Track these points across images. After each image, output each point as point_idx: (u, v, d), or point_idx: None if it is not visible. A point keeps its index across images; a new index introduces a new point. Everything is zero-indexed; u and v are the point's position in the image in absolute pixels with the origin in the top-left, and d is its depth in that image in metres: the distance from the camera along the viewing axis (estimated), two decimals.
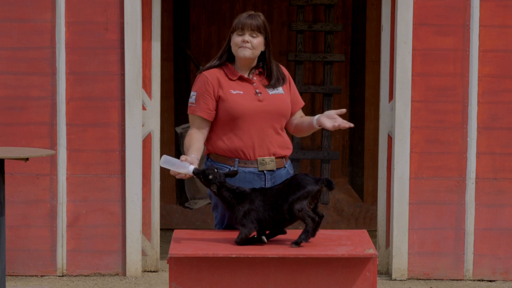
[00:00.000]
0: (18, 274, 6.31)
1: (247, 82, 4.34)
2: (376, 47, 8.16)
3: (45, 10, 6.20)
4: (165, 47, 8.17)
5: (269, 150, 4.31)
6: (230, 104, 4.27)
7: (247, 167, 4.30)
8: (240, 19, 4.33)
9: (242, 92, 4.30)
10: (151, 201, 6.38)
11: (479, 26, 6.20)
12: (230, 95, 4.28)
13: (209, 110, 4.30)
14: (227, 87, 4.30)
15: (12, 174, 6.23)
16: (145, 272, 6.43)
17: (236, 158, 4.29)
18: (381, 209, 6.42)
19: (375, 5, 8.30)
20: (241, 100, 4.28)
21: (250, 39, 4.30)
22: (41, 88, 6.23)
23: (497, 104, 6.27)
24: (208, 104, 4.29)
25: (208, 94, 4.30)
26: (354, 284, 3.90)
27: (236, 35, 4.31)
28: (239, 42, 4.30)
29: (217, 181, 4.06)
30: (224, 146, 4.30)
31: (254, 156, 4.29)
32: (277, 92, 4.36)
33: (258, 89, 4.33)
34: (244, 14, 4.35)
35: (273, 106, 4.32)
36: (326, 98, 8.00)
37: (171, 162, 4.08)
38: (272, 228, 4.07)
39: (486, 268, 6.32)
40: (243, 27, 4.30)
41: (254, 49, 4.31)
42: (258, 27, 4.32)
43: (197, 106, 4.30)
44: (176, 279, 3.90)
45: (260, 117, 4.29)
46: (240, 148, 4.28)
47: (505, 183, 6.30)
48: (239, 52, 4.30)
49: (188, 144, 4.27)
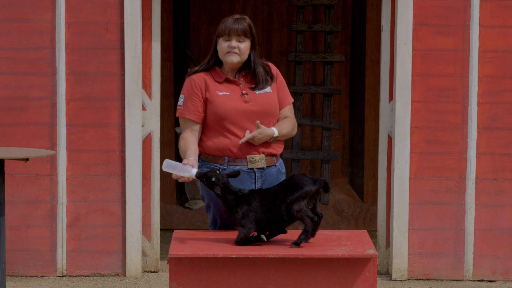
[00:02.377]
0: (18, 275, 6.31)
1: (234, 83, 4.37)
2: (376, 48, 8.17)
3: (45, 11, 6.20)
4: (165, 48, 8.18)
5: (258, 148, 4.33)
6: (216, 105, 4.31)
7: (236, 165, 4.33)
8: (226, 24, 4.33)
9: (229, 93, 4.33)
10: (151, 201, 6.38)
11: (479, 27, 6.20)
12: (217, 97, 4.32)
13: (198, 113, 4.34)
14: (213, 89, 4.34)
15: (12, 174, 6.23)
16: (145, 273, 6.43)
17: (225, 157, 4.32)
18: (381, 209, 6.42)
19: (375, 6, 8.30)
20: (227, 101, 4.31)
21: (237, 44, 4.32)
22: (41, 89, 6.23)
23: (497, 104, 6.27)
24: (197, 107, 4.34)
25: (196, 97, 4.34)
26: (354, 284, 3.90)
27: (223, 40, 4.33)
28: (226, 48, 4.32)
29: (220, 183, 4.07)
30: (213, 145, 4.33)
31: (243, 154, 4.31)
32: (264, 91, 4.38)
33: (244, 90, 4.35)
34: (230, 19, 4.35)
35: (259, 107, 4.34)
36: (326, 99, 8.00)
37: (173, 166, 4.11)
38: (271, 229, 4.08)
39: (486, 268, 6.32)
40: (230, 32, 4.31)
41: (242, 54, 4.33)
42: (244, 31, 4.33)
43: (186, 109, 4.35)
44: (176, 280, 3.90)
45: (247, 117, 4.32)
46: (228, 147, 4.31)
47: (505, 184, 6.30)
48: (227, 58, 4.33)
49: (184, 148, 4.30)
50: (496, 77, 6.25)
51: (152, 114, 6.35)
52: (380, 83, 6.37)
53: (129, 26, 6.19)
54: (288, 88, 4.60)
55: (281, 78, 4.51)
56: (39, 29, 6.21)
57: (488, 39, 6.22)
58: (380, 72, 6.37)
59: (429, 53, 6.24)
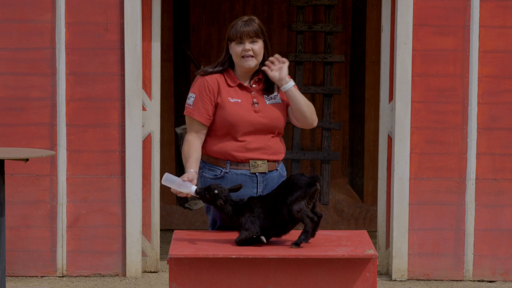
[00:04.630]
0: (18, 275, 6.31)
1: (246, 90, 4.34)
2: (376, 48, 8.17)
3: (45, 11, 6.20)
4: (165, 48, 8.17)
5: (261, 155, 4.32)
6: (227, 112, 4.28)
7: (239, 169, 4.31)
8: (237, 28, 4.28)
9: (240, 101, 4.30)
10: (151, 201, 6.38)
11: (479, 27, 6.20)
12: (228, 103, 4.29)
13: (208, 116, 4.31)
14: (225, 94, 4.30)
15: (12, 174, 6.23)
16: (145, 273, 6.43)
17: (228, 161, 4.30)
18: (381, 209, 6.42)
19: (375, 6, 8.30)
20: (238, 109, 4.28)
21: (251, 46, 4.28)
22: (41, 89, 6.23)
23: (497, 104, 6.27)
24: (208, 110, 4.30)
25: (208, 99, 4.30)
26: (354, 284, 3.90)
27: (235, 44, 4.29)
28: (241, 52, 4.28)
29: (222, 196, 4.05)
30: (217, 148, 4.31)
31: (245, 158, 4.30)
32: (274, 101, 4.36)
33: (255, 98, 4.33)
34: (239, 22, 4.30)
35: (268, 119, 4.32)
36: (326, 99, 8.00)
37: (172, 181, 4.10)
38: (277, 234, 4.07)
39: (486, 268, 6.32)
40: (241, 35, 4.27)
41: (257, 55, 4.30)
42: (256, 32, 4.29)
43: (195, 110, 4.31)
44: (176, 280, 3.90)
45: (254, 127, 4.30)
46: (232, 151, 4.29)
47: (505, 184, 6.30)
48: (244, 64, 4.29)
49: (187, 154, 4.28)
50: (496, 78, 6.26)
51: (152, 114, 6.35)
52: (380, 83, 6.37)
53: (129, 26, 6.19)
54: None
55: None
56: (39, 29, 6.21)
57: (488, 39, 6.22)
58: (380, 72, 6.37)
59: (429, 53, 6.24)
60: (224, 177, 4.30)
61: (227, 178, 4.30)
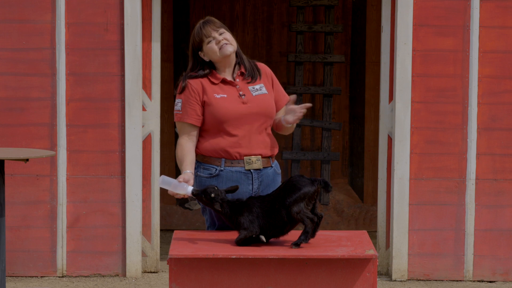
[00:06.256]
0: (18, 275, 6.31)
1: (230, 84, 4.36)
2: (376, 48, 8.17)
3: (45, 11, 6.20)
4: (165, 48, 8.18)
5: (255, 150, 4.33)
6: (215, 108, 4.30)
7: (233, 166, 4.32)
8: (199, 30, 4.33)
9: (226, 96, 4.32)
10: (151, 202, 6.38)
11: (479, 27, 6.21)
12: (215, 99, 4.31)
13: (197, 116, 4.33)
14: (211, 91, 4.32)
15: (12, 175, 6.23)
16: (145, 273, 6.43)
17: (222, 158, 4.31)
18: (381, 210, 6.42)
19: (375, 6, 8.30)
20: (225, 104, 4.30)
21: (222, 36, 4.32)
22: (41, 89, 6.24)
23: (497, 105, 6.27)
24: (196, 110, 4.32)
25: (194, 100, 4.32)
26: (354, 285, 3.90)
27: (207, 44, 4.32)
28: (216, 45, 4.32)
29: (219, 199, 4.06)
30: (210, 147, 4.33)
31: (240, 155, 4.31)
32: (260, 92, 4.38)
33: (241, 91, 4.35)
34: (198, 26, 4.36)
35: (257, 108, 4.34)
36: (326, 99, 8.00)
37: (169, 183, 4.11)
38: (274, 234, 4.07)
39: (486, 269, 6.32)
40: (207, 33, 4.32)
41: (231, 42, 4.34)
42: (219, 25, 4.36)
43: (184, 113, 4.33)
44: (176, 280, 3.90)
45: (245, 119, 4.31)
46: (226, 148, 4.30)
47: (505, 184, 6.30)
48: (224, 51, 4.32)
49: (181, 157, 4.29)
50: (496, 78, 6.26)
51: (152, 115, 6.35)
52: (380, 84, 6.38)
53: (129, 26, 6.19)
54: (288, 89, 4.60)
55: (276, 78, 4.52)
56: (39, 30, 6.21)
57: (488, 39, 6.22)
58: (380, 72, 6.37)
59: (429, 54, 6.24)
60: (219, 175, 4.31)
61: (222, 176, 4.31)
